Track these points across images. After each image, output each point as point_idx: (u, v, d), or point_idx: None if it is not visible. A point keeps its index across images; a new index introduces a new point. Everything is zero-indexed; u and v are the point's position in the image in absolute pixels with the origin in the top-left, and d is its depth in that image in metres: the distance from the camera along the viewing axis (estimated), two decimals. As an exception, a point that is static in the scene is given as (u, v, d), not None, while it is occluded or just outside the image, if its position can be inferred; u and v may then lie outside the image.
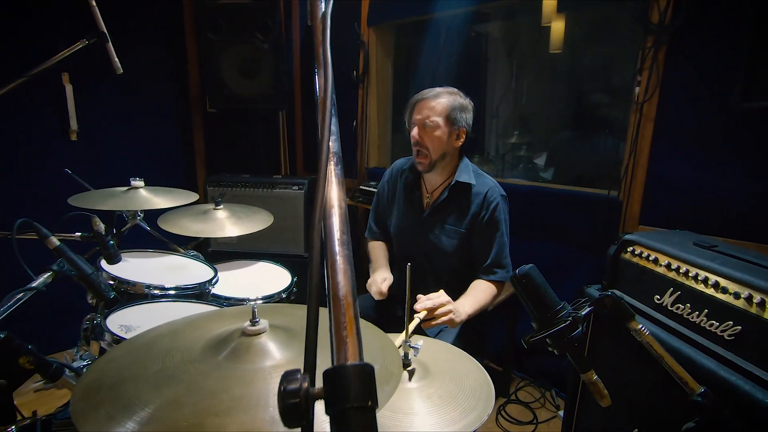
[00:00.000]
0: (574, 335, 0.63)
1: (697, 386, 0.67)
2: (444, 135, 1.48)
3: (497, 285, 1.50)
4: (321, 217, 0.38)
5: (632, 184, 1.85)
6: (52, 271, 0.87)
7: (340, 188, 0.42)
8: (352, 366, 0.33)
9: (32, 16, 2.31)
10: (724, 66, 1.51)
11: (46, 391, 1.14)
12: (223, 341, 0.67)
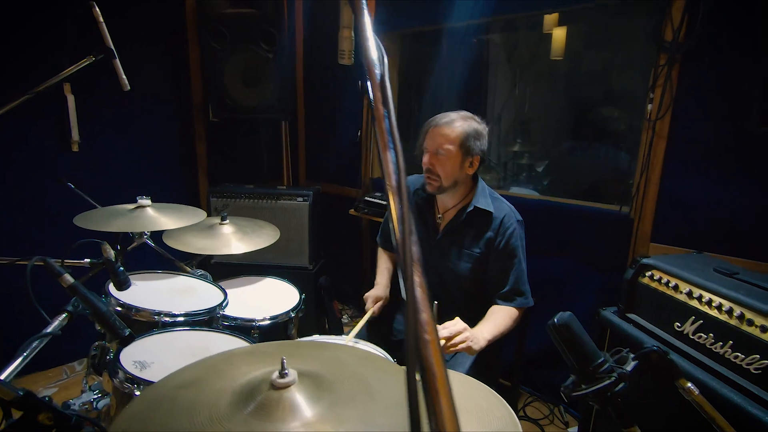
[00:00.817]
0: (618, 390, 0.61)
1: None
2: (456, 164, 1.45)
3: (520, 310, 1.48)
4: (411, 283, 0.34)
5: (644, 201, 1.83)
6: (67, 313, 0.84)
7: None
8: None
9: (37, 30, 2.28)
10: (741, 87, 1.50)
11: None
12: (250, 394, 0.64)
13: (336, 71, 3.05)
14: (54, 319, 0.82)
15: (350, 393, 0.67)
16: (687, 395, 0.63)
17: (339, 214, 3.04)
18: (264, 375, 0.68)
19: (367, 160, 2.95)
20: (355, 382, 0.69)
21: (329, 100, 3.16)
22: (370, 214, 2.71)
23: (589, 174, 2.99)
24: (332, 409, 0.64)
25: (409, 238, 0.36)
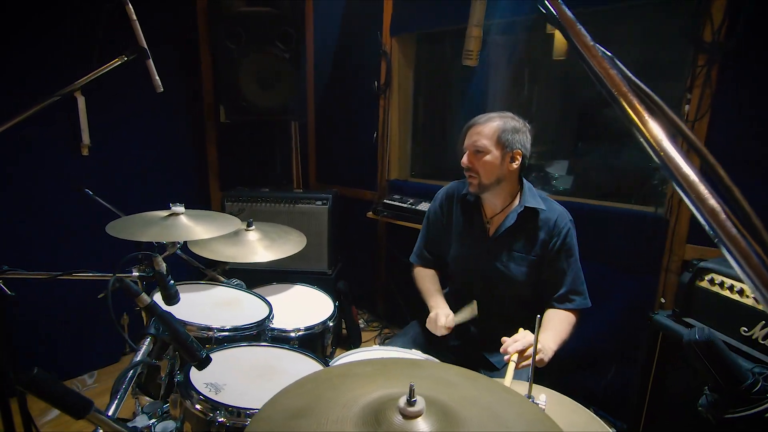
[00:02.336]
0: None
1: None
2: (496, 159, 1.42)
3: (575, 313, 1.45)
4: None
5: (681, 202, 1.82)
6: (151, 336, 0.77)
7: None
8: None
9: (67, 30, 2.21)
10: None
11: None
12: (376, 423, 0.59)
13: (349, 72, 3.00)
14: (140, 345, 0.76)
15: (477, 422, 0.62)
16: None
17: (352, 217, 2.98)
18: (383, 401, 0.63)
19: (384, 161, 2.91)
20: (479, 409, 0.64)
21: (341, 102, 3.10)
22: (390, 217, 2.67)
23: (609, 175, 2.98)
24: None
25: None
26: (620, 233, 2.03)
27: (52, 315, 2.37)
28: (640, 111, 0.40)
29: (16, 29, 2.10)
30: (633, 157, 3.02)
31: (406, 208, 2.57)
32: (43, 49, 2.17)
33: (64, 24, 2.20)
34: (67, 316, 2.44)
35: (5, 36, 2.07)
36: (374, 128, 2.89)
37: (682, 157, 0.37)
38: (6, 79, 2.08)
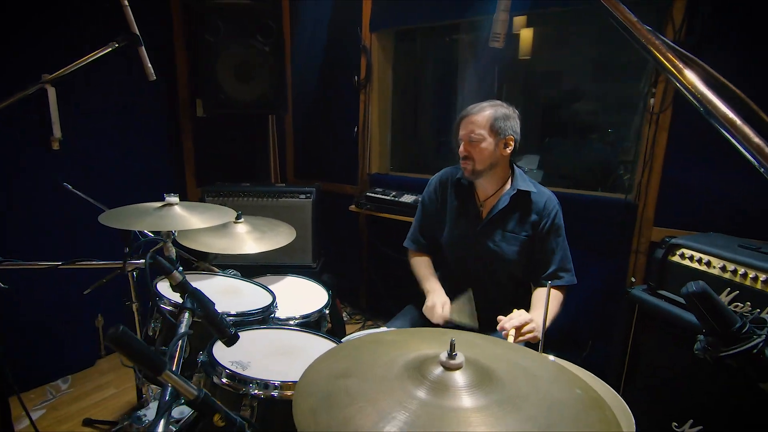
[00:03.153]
0: (760, 349, 0.67)
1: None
2: (490, 146, 1.50)
3: (562, 290, 1.55)
4: None
5: (648, 188, 1.97)
6: (188, 310, 0.77)
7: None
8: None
9: (56, 17, 2.12)
10: (738, 81, 1.66)
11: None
12: (420, 375, 0.64)
13: (329, 67, 3.01)
14: (180, 319, 0.76)
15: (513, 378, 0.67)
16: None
17: (334, 211, 3.00)
18: (423, 359, 0.68)
19: (365, 155, 2.94)
20: (517, 371, 0.70)
21: (320, 97, 3.11)
22: (374, 210, 2.70)
23: (577, 167, 3.15)
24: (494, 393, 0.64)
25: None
26: (593, 219, 2.17)
27: (23, 319, 2.25)
28: (677, 64, 0.46)
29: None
30: (599, 150, 3.21)
31: (389, 200, 2.62)
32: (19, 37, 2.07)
33: (44, 11, 2.10)
34: (39, 320, 2.32)
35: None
36: (354, 123, 2.92)
37: (721, 101, 0.44)
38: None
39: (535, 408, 0.59)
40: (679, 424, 1.42)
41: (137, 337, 0.54)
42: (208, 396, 0.57)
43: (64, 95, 2.22)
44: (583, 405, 0.62)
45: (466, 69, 3.82)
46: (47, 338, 2.39)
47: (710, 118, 0.50)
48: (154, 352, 0.56)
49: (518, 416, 0.57)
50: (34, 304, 2.29)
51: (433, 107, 3.53)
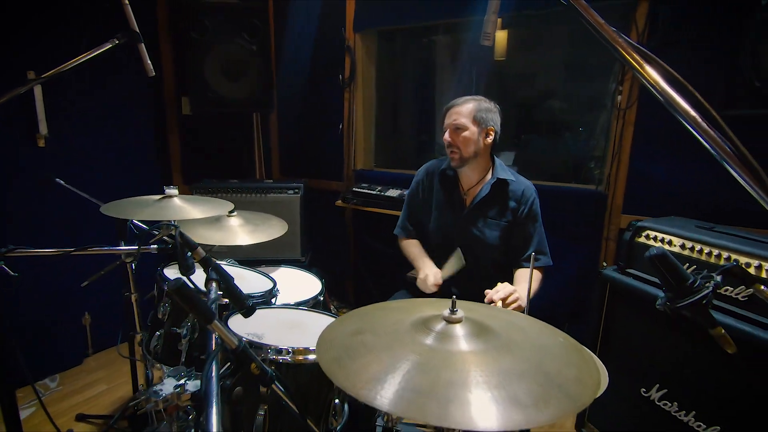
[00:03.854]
0: (709, 299, 0.79)
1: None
2: (473, 135, 1.62)
3: (541, 270, 1.68)
4: None
5: (616, 179, 2.14)
6: (214, 281, 0.84)
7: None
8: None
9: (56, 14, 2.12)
10: (696, 78, 1.83)
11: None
12: (426, 329, 0.74)
13: (314, 65, 3.08)
14: (209, 288, 0.82)
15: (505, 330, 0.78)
16: (761, 295, 0.84)
17: (320, 207, 3.07)
18: (427, 317, 0.78)
19: (350, 152, 3.03)
20: (508, 326, 0.80)
21: (305, 95, 3.17)
22: (360, 204, 2.79)
23: (551, 161, 3.33)
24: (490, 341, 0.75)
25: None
26: (568, 209, 2.31)
27: (8, 318, 2.23)
28: (640, 61, 0.57)
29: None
30: (571, 146, 3.39)
31: (375, 195, 2.71)
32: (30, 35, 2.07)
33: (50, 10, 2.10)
34: (25, 319, 2.30)
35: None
36: (339, 120, 3.00)
37: (678, 94, 0.55)
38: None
39: (526, 351, 0.70)
40: (647, 389, 1.57)
41: (193, 290, 0.62)
42: (246, 347, 0.65)
43: (50, 92, 2.22)
44: (565, 348, 0.73)
45: (445, 69, 3.95)
46: (33, 337, 2.37)
47: (669, 108, 0.62)
48: (207, 304, 0.64)
49: (512, 356, 0.68)
50: (20, 304, 2.28)
51: (413, 106, 3.65)
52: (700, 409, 1.42)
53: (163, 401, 1.03)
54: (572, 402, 0.57)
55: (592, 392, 0.61)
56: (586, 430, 1.84)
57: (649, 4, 1.94)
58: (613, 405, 1.72)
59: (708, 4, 1.82)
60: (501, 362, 0.66)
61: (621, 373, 1.67)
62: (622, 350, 1.69)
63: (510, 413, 0.55)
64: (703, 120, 0.65)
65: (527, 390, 0.59)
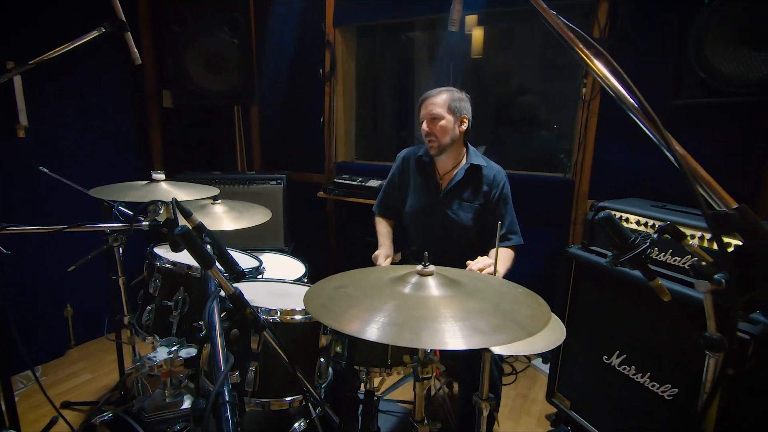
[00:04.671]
0: (648, 254, 0.91)
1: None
2: (449, 123, 1.74)
3: (513, 249, 1.81)
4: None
5: (582, 167, 2.28)
6: (209, 243, 0.90)
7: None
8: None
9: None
10: (652, 71, 1.99)
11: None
12: (403, 282, 0.83)
13: (295, 59, 3.14)
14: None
15: (471, 282, 0.88)
16: (689, 249, 0.96)
17: (302, 199, 3.13)
18: (403, 274, 0.87)
19: (331, 145, 3.10)
20: (474, 280, 0.90)
21: (286, 88, 3.23)
22: (341, 195, 2.87)
23: (522, 153, 3.47)
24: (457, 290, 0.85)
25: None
26: (539, 196, 2.45)
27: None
28: (589, 55, 0.67)
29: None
30: (544, 139, 3.55)
31: (356, 186, 2.79)
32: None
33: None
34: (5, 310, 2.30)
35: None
36: (320, 114, 3.07)
37: (619, 83, 0.65)
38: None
39: (488, 296, 0.80)
40: (609, 356, 1.71)
41: (194, 235, 0.70)
42: (241, 294, 0.72)
43: (30, 83, 2.23)
44: (522, 295, 0.84)
45: (423, 66, 4.07)
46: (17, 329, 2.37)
47: (614, 97, 0.72)
48: (208, 251, 0.71)
49: (476, 300, 0.78)
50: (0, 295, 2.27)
51: (393, 101, 3.75)
52: (654, 371, 1.55)
53: (157, 366, 1.09)
54: (524, 331, 0.68)
55: (542, 325, 0.71)
56: (556, 400, 1.97)
57: (609, 3, 2.09)
58: (579, 375, 1.85)
59: (661, 3, 1.98)
60: (466, 304, 0.76)
61: (586, 342, 1.80)
62: (587, 321, 1.82)
63: (472, 337, 0.64)
64: (636, 106, 0.75)
65: (487, 322, 0.69)
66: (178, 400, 1.15)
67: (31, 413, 2.06)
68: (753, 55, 1.52)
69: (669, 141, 0.59)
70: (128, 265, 1.83)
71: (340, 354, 1.22)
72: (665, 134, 0.59)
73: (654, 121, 0.61)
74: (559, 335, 1.04)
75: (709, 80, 1.60)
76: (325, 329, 1.10)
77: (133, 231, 1.54)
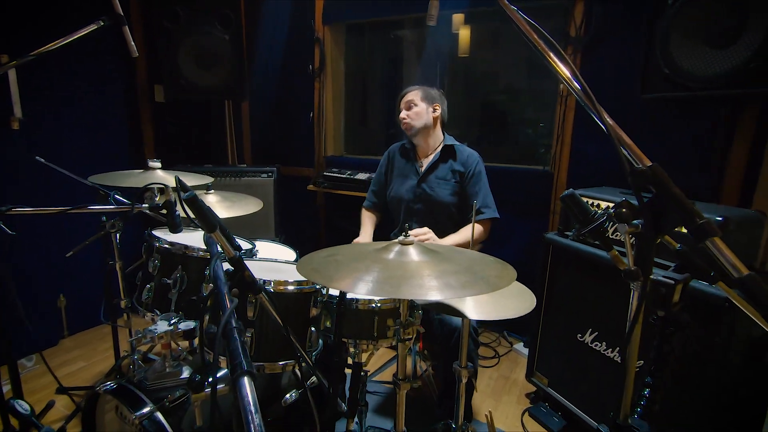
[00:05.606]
0: (606, 226, 1.01)
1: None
2: (422, 110, 2.01)
3: (485, 223, 1.99)
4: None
5: (560, 159, 2.40)
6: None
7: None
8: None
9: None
10: (625, 67, 2.11)
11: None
12: (387, 250, 0.92)
13: (285, 55, 3.21)
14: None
15: (447, 252, 0.98)
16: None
17: (292, 192, 3.21)
18: (387, 245, 0.96)
19: (320, 139, 3.18)
20: (450, 251, 1.00)
21: (276, 84, 3.30)
22: (330, 188, 2.95)
23: (505, 148, 3.59)
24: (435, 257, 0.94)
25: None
26: (520, 187, 2.57)
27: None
28: (554, 58, 0.76)
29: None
30: (526, 135, 3.67)
31: (345, 178, 2.88)
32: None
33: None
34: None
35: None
36: (310, 109, 3.15)
37: (578, 82, 0.75)
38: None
39: (461, 261, 0.90)
40: (582, 334, 1.82)
41: (202, 203, 0.78)
42: (241, 257, 0.81)
43: (24, 76, 2.27)
44: (493, 263, 0.93)
45: (411, 64, 4.16)
46: (7, 318, 2.40)
47: (557, 73, 0.82)
48: (214, 214, 0.80)
49: (450, 264, 0.87)
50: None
51: (381, 97, 3.84)
52: (623, 346, 1.67)
53: (158, 337, 1.17)
54: (490, 286, 0.78)
55: (506, 283, 0.81)
56: (535, 379, 2.08)
57: (584, 3, 2.21)
58: (555, 354, 1.97)
59: (631, 4, 2.10)
60: (441, 266, 0.85)
61: (561, 323, 1.92)
62: (563, 303, 1.94)
63: (445, 291, 0.74)
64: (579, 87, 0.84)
65: (458, 279, 0.79)
66: (177, 370, 1.22)
67: (27, 398, 2.10)
68: (712, 52, 1.64)
69: (601, 113, 0.69)
70: (122, 253, 1.89)
71: (329, 328, 1.30)
72: (599, 108, 0.69)
73: (591, 98, 0.71)
74: (530, 304, 1.14)
75: (673, 76, 1.72)
76: (316, 301, 1.19)
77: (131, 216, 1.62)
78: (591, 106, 0.69)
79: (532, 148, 3.29)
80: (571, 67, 0.84)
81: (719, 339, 1.37)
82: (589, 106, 0.69)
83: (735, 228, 1.41)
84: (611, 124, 0.68)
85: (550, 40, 0.88)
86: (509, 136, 3.77)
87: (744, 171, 1.93)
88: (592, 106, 0.69)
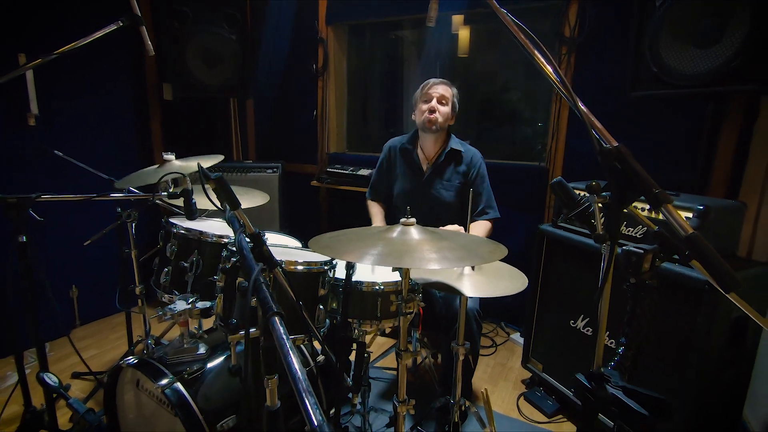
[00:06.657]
0: (591, 211, 1.10)
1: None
2: (449, 111, 2.02)
3: (491, 221, 2.04)
4: None
5: (555, 155, 2.49)
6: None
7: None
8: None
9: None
10: (617, 67, 2.20)
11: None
12: (390, 230, 1.01)
13: (289, 55, 3.30)
14: (225, 207, 1.05)
15: (446, 233, 1.07)
16: (630, 210, 1.16)
17: (295, 188, 3.30)
18: (391, 227, 1.05)
19: (323, 137, 3.27)
20: (448, 233, 1.09)
21: (281, 82, 3.39)
22: (333, 183, 3.04)
23: (503, 146, 3.69)
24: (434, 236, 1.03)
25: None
26: (517, 183, 2.66)
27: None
28: (538, 54, 0.85)
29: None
30: (524, 133, 3.76)
31: (348, 174, 2.97)
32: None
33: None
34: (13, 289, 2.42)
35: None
36: (313, 107, 3.24)
37: (557, 75, 0.84)
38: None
39: (458, 240, 0.99)
40: (575, 321, 1.91)
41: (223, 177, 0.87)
42: (260, 234, 0.90)
43: (41, 74, 2.36)
44: (487, 243, 1.03)
45: (411, 64, 4.26)
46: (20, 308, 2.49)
47: (558, 90, 0.91)
48: (235, 195, 0.89)
49: (448, 242, 0.96)
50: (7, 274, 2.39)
51: (382, 95, 3.94)
52: (612, 330, 1.76)
53: (178, 314, 1.26)
54: (482, 259, 0.87)
55: (497, 257, 0.90)
56: (530, 365, 2.17)
57: (578, 5, 2.30)
58: (549, 340, 2.06)
59: (622, 5, 2.19)
60: (440, 244, 0.94)
61: (555, 310, 2.01)
62: (556, 291, 2.03)
63: (442, 262, 0.83)
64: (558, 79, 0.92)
65: (454, 254, 0.88)
66: (194, 346, 1.31)
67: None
68: (697, 51, 1.73)
69: (576, 101, 0.79)
70: (136, 243, 1.98)
71: (335, 309, 1.39)
72: (574, 97, 0.79)
73: (568, 88, 0.80)
74: (522, 283, 1.24)
75: (660, 74, 1.81)
76: (324, 282, 1.28)
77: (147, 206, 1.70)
78: (567, 94, 0.78)
79: (529, 145, 3.39)
80: (552, 63, 0.93)
81: (701, 319, 1.46)
82: (565, 94, 0.79)
83: (716, 216, 1.50)
84: (585, 111, 0.78)
85: (534, 39, 0.97)
86: (507, 134, 3.86)
87: (731, 165, 2.02)
88: (569, 94, 0.78)
